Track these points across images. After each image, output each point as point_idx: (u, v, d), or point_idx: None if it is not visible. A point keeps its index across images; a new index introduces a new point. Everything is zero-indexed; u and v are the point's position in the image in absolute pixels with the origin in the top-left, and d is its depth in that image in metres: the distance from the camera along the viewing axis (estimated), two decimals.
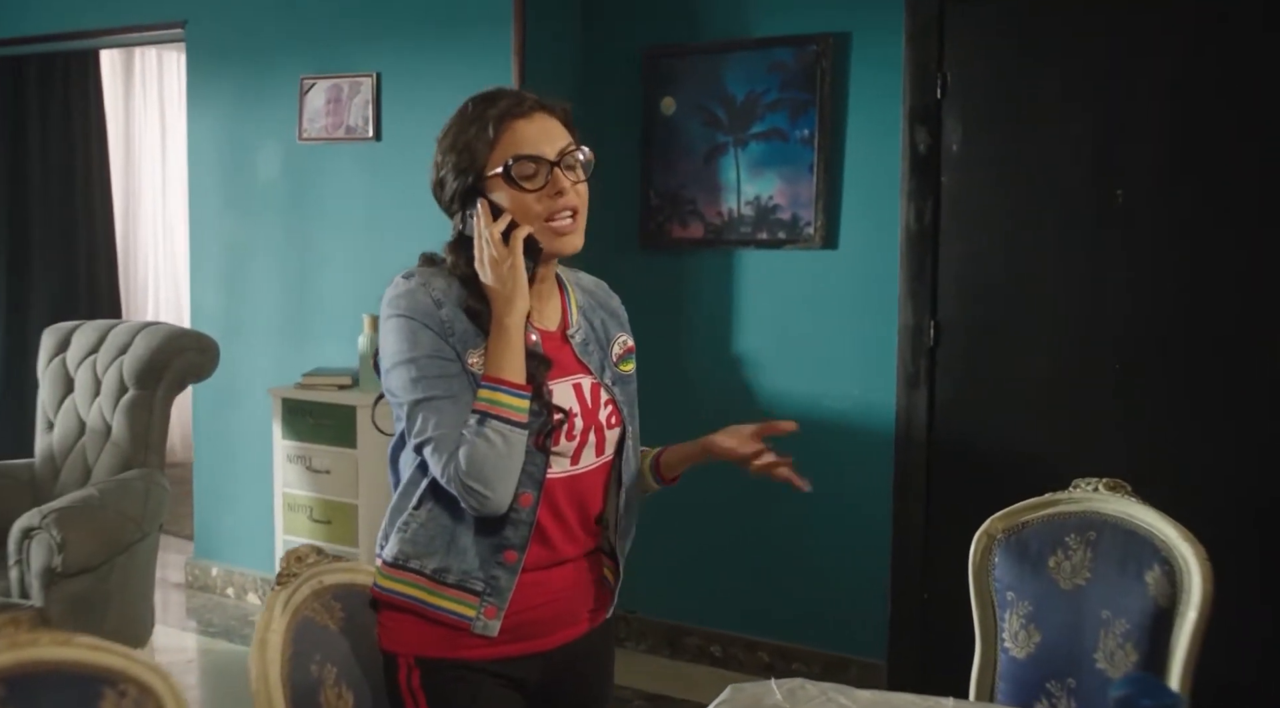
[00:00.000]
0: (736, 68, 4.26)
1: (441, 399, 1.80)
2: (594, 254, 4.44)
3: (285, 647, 1.83)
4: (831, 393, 4.21)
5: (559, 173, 1.88)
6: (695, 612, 4.51)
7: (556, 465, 1.90)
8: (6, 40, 5.52)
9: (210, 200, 5.11)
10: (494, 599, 1.87)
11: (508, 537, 1.86)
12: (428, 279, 1.87)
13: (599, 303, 2.10)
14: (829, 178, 4.13)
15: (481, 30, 4.37)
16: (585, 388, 1.96)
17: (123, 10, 5.15)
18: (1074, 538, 2.46)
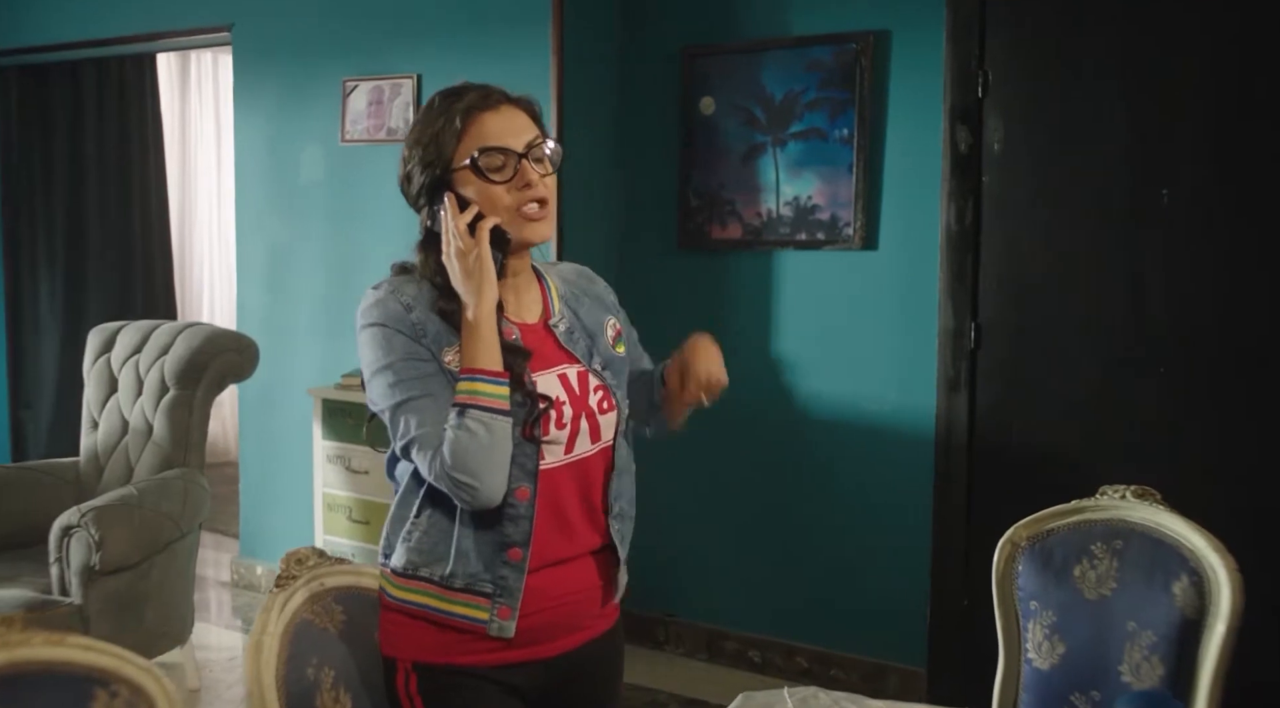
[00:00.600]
0: (775, 67, 4.21)
1: (420, 399, 1.79)
2: (633, 255, 4.48)
3: (282, 649, 1.82)
4: (871, 396, 4.15)
5: (526, 165, 1.86)
6: (734, 616, 4.47)
7: (550, 455, 1.88)
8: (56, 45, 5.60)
9: (255, 202, 5.15)
10: (505, 600, 1.85)
11: (509, 534, 1.84)
12: (397, 286, 1.87)
13: (582, 290, 2.08)
14: (868, 178, 4.08)
15: (520, 30, 4.36)
16: (572, 376, 1.94)
17: (171, 14, 5.21)
18: (1100, 547, 2.39)
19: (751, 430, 4.39)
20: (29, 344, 6.54)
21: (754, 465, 4.39)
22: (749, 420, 4.38)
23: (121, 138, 6.96)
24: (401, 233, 4.73)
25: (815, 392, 4.26)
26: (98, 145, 6.87)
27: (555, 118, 4.29)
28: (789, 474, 4.32)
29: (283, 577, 1.90)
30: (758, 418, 4.37)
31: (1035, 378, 3.88)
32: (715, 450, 4.46)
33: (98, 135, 6.87)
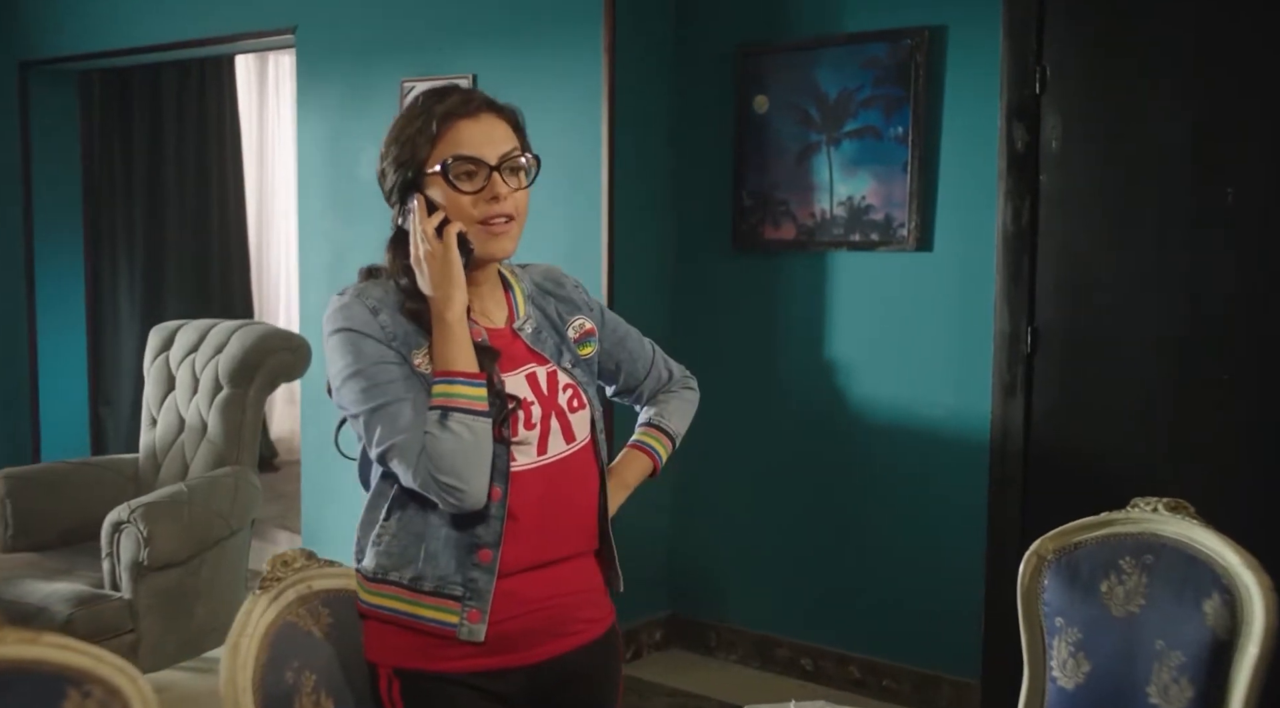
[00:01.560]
0: (829, 64, 4.14)
1: (395, 404, 1.77)
2: (688, 257, 4.43)
3: (260, 652, 1.81)
4: (925, 401, 4.05)
5: (497, 178, 1.83)
6: (786, 622, 4.40)
7: (523, 456, 1.85)
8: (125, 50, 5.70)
9: (316, 203, 5.20)
10: (475, 603, 1.81)
11: (480, 535, 1.81)
12: (362, 290, 1.85)
13: (550, 290, 2.04)
14: (923, 177, 3.98)
15: (573, 29, 4.34)
16: (540, 377, 1.91)
17: (240, 18, 5.27)
18: (1129, 561, 2.29)
19: (804, 434, 4.31)
20: (109, 342, 6.69)
21: (807, 469, 4.32)
22: (801, 424, 4.31)
23: (200, 139, 7.09)
24: None
25: (868, 395, 4.17)
26: (177, 147, 7.02)
27: (606, 117, 4.26)
28: (842, 479, 4.24)
29: (267, 579, 1.89)
30: (810, 421, 4.29)
31: (1093, 383, 3.76)
32: (768, 454, 4.40)
33: (177, 137, 7.01)
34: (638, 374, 2.18)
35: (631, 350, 2.16)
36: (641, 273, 4.44)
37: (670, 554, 4.66)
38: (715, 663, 4.53)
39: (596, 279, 4.32)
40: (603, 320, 2.10)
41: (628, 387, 2.19)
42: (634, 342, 2.18)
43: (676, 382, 2.25)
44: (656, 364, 2.21)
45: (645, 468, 2.18)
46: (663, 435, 2.20)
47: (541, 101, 4.45)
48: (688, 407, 2.26)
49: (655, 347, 2.24)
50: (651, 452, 2.18)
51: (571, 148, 4.37)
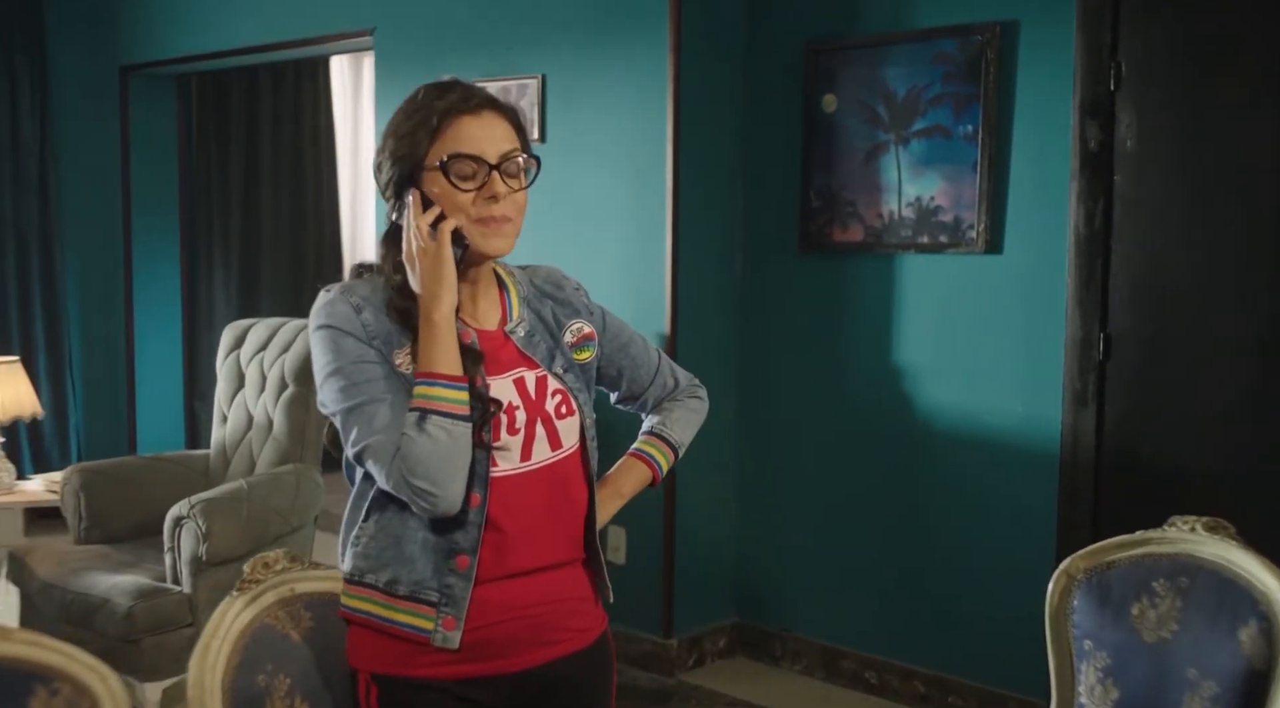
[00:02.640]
0: (898, 61, 4.02)
1: (372, 404, 1.74)
2: (755, 258, 4.35)
3: (233, 654, 1.80)
4: (993, 409, 3.91)
5: (496, 177, 1.78)
6: (852, 633, 4.29)
7: (505, 462, 1.81)
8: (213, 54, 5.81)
9: None
10: (450, 609, 1.78)
11: (458, 541, 1.78)
12: (348, 287, 1.82)
13: (547, 293, 1.98)
14: (993, 177, 3.85)
15: (639, 29, 4.29)
16: (529, 381, 1.86)
17: (320, 20, 5.34)
18: (1163, 584, 2.16)
19: (870, 440, 4.20)
20: (204, 340, 6.83)
21: (872, 477, 4.21)
22: (869, 430, 4.20)
23: (294, 139, 7.22)
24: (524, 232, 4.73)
25: (936, 402, 4.05)
26: (272, 147, 7.15)
27: (671, 117, 4.21)
28: (908, 487, 4.12)
29: (246, 581, 1.87)
30: (877, 428, 4.18)
31: (1168, 393, 3.59)
32: (833, 460, 4.30)
33: (273, 137, 7.14)
34: (641, 381, 2.12)
35: (635, 357, 2.10)
36: (706, 274, 4.37)
37: (737, 561, 4.59)
38: (779, 673, 4.44)
39: (660, 281, 4.27)
40: (604, 325, 2.04)
41: (631, 394, 2.13)
42: (638, 348, 2.11)
43: (683, 390, 2.18)
44: (662, 372, 2.15)
45: (643, 477, 2.12)
46: (664, 444, 2.13)
47: (608, 101, 4.42)
48: (693, 416, 2.19)
49: (662, 354, 2.17)
50: (651, 461, 2.12)
51: (636, 148, 4.32)
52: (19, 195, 6.22)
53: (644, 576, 4.43)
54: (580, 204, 4.52)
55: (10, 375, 4.66)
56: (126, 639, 3.71)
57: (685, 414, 2.17)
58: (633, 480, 2.10)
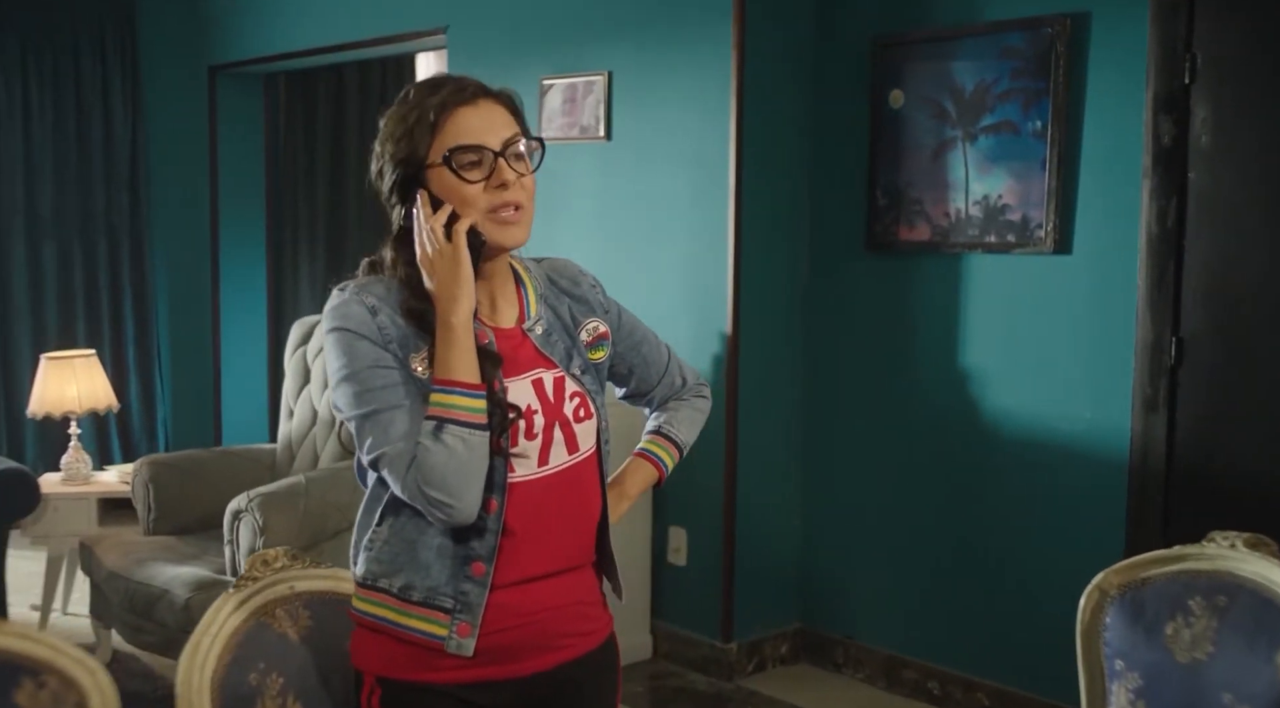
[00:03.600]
0: (966, 55, 3.91)
1: (388, 411, 1.70)
2: (820, 256, 4.27)
3: (225, 652, 1.79)
4: (1061, 414, 3.79)
5: (503, 164, 1.74)
6: (914, 642, 4.19)
7: (522, 468, 1.77)
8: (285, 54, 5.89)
9: None
10: (465, 616, 1.75)
11: (474, 548, 1.75)
12: (363, 287, 1.78)
13: (564, 289, 1.93)
14: (1062, 175, 3.72)
15: (703, 25, 4.24)
16: (547, 383, 1.82)
17: (396, 18, 5.37)
18: (1199, 603, 2.05)
19: (936, 445, 4.10)
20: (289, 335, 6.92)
21: (937, 481, 4.10)
22: (933, 434, 4.10)
23: None
24: (591, 231, 4.73)
25: (1002, 407, 3.93)
26: (358, 146, 7.21)
27: (734, 113, 4.15)
28: (974, 493, 4.01)
29: (244, 578, 1.87)
30: (942, 431, 4.07)
31: (1243, 399, 3.45)
32: (898, 464, 4.20)
33: (359, 136, 7.21)
34: (650, 380, 2.07)
35: (646, 356, 2.05)
36: (770, 273, 4.30)
37: (801, 565, 4.51)
38: (841, 681, 4.35)
39: (722, 278, 4.21)
40: (619, 323, 1.99)
41: (639, 391, 2.08)
42: (650, 347, 2.06)
43: (689, 389, 2.13)
44: (671, 371, 2.10)
45: (649, 478, 2.07)
46: (670, 445, 2.08)
47: (672, 98, 4.37)
48: (698, 416, 2.13)
49: (672, 352, 2.12)
50: (658, 462, 2.07)
51: (700, 144, 4.27)
52: (111, 192, 6.37)
53: (704, 578, 4.38)
54: (644, 201, 4.48)
55: (87, 369, 4.77)
56: (185, 630, 3.76)
57: (691, 414, 2.12)
58: (639, 481, 2.07)
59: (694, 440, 2.12)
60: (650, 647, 4.52)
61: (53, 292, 6.25)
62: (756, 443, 4.34)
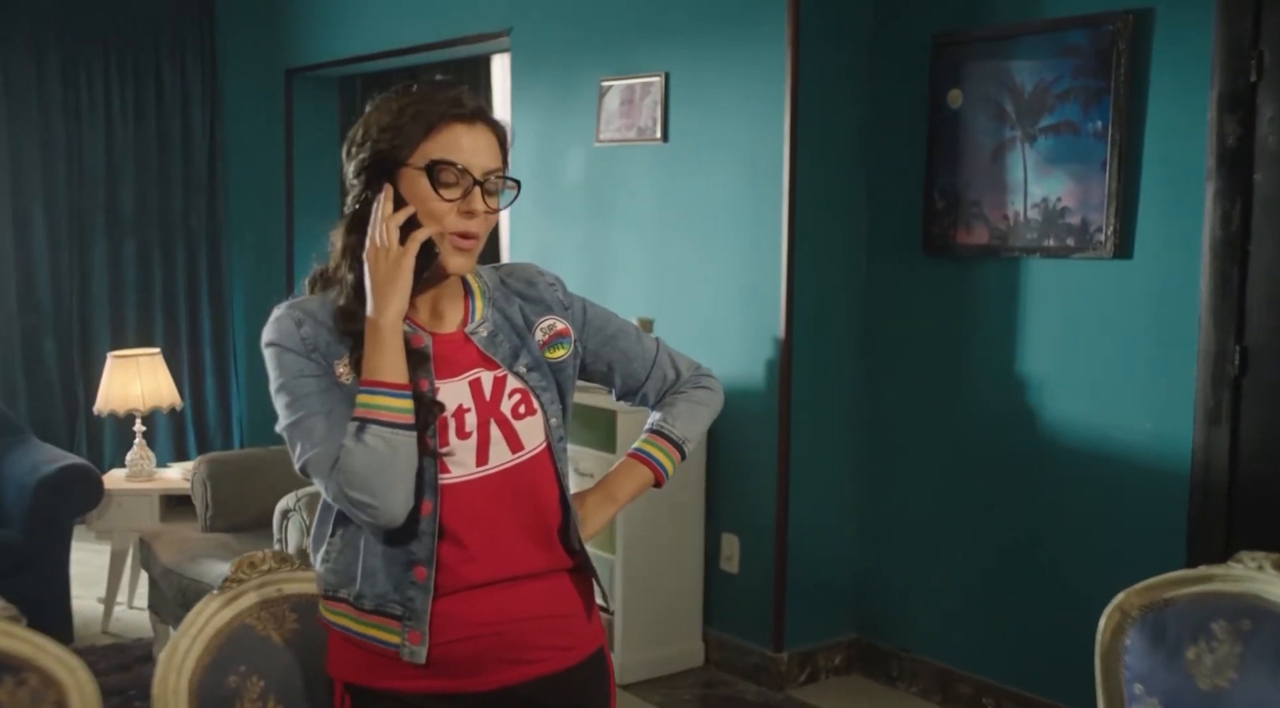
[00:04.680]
0: (1026, 53, 3.80)
1: (310, 417, 1.70)
2: (875, 259, 4.18)
3: (204, 654, 1.79)
4: (1121, 424, 3.66)
5: (477, 193, 1.72)
6: (971, 657, 4.08)
7: (459, 467, 1.74)
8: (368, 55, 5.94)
9: (526, 202, 5.24)
10: (414, 623, 1.73)
11: (413, 552, 1.73)
12: (297, 303, 1.78)
13: (517, 290, 1.89)
14: (1123, 177, 3.59)
15: (758, 25, 4.17)
16: (486, 382, 1.78)
17: (461, 21, 5.39)
18: (1223, 627, 1.95)
19: (993, 454, 3.99)
20: None
21: (994, 491, 3.99)
22: (991, 442, 3.99)
23: None
24: (648, 233, 4.69)
25: (1060, 416, 3.81)
26: None
27: (789, 114, 4.08)
28: (1031, 505, 3.89)
29: (229, 580, 1.86)
30: (1000, 440, 3.97)
31: None
32: (955, 473, 4.10)
33: None
34: (637, 375, 1.99)
35: (625, 350, 1.97)
36: (825, 276, 4.22)
37: (857, 575, 4.42)
38: (895, 694, 4.26)
39: (775, 282, 4.14)
40: (584, 320, 1.94)
41: (629, 389, 2.01)
42: (628, 340, 1.98)
43: (686, 381, 2.03)
44: (660, 363, 2.01)
45: (643, 479, 1.99)
46: (665, 442, 1.99)
47: (727, 98, 4.32)
48: (699, 408, 2.03)
49: (661, 344, 2.03)
50: (651, 461, 1.99)
51: (754, 145, 4.21)
52: (189, 193, 6.48)
53: (756, 586, 4.32)
54: (699, 203, 4.44)
55: (152, 367, 4.86)
56: None
57: (689, 407, 2.02)
58: (630, 483, 1.99)
59: (698, 435, 2.03)
60: (702, 654, 4.47)
61: (132, 291, 6.38)
62: (810, 449, 4.26)
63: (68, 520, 4.47)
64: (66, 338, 6.23)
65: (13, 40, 5.99)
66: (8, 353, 6.06)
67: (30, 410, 6.06)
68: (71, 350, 6.22)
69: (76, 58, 6.16)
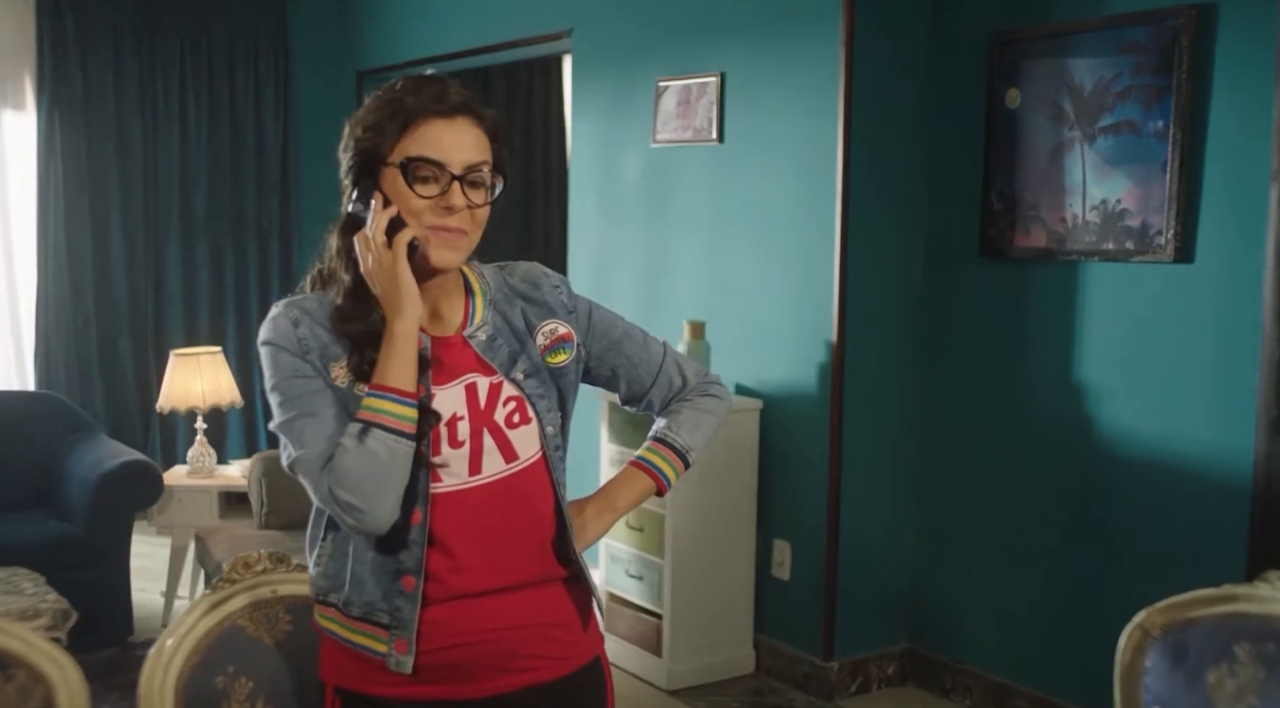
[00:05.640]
0: (1085, 51, 3.69)
1: (301, 418, 1.68)
2: (932, 263, 4.09)
3: (193, 654, 1.78)
4: (1180, 435, 3.53)
5: (456, 188, 1.69)
6: (1027, 671, 3.97)
7: (449, 477, 1.72)
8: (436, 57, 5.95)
9: (586, 204, 5.24)
10: (401, 632, 1.71)
11: (402, 561, 1.70)
12: (295, 302, 1.76)
13: (521, 292, 1.85)
14: (1185, 178, 3.47)
15: (813, 24, 4.11)
16: (481, 388, 1.75)
17: (524, 23, 5.39)
18: (1246, 650, 1.86)
19: (1050, 462, 3.88)
20: None
21: (1051, 501, 3.88)
22: (1048, 451, 3.88)
23: (527, 138, 7.36)
24: (702, 235, 4.64)
25: (1118, 424, 3.69)
26: None
27: (842, 114, 4.00)
28: (1089, 514, 3.78)
29: (222, 580, 1.86)
30: (1057, 449, 3.86)
31: None
32: (1012, 482, 3.99)
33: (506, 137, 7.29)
34: (642, 381, 1.95)
35: (630, 355, 1.94)
36: (879, 280, 4.14)
37: (911, 585, 4.33)
38: (948, 707, 4.16)
39: (828, 285, 4.07)
40: (589, 324, 1.90)
41: (634, 394, 1.97)
42: (634, 345, 1.94)
43: (693, 388, 1.99)
44: (666, 370, 1.97)
45: (644, 488, 1.95)
46: (668, 450, 1.95)
47: (780, 99, 4.27)
48: (704, 416, 1.98)
49: (669, 350, 1.99)
50: (653, 470, 1.94)
51: (807, 146, 4.15)
52: (261, 195, 6.58)
53: (807, 593, 4.25)
54: (752, 204, 4.38)
55: (213, 365, 4.92)
56: None
57: (695, 415, 1.97)
58: (631, 492, 1.94)
59: (703, 443, 1.97)
60: (753, 661, 4.41)
61: (204, 291, 6.49)
62: (863, 455, 4.18)
63: (127, 515, 4.55)
64: (141, 337, 6.34)
65: (92, 46, 6.11)
66: (85, 351, 6.19)
67: (106, 407, 6.19)
68: (146, 349, 6.34)
69: (153, 63, 6.27)
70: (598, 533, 1.91)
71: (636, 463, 1.96)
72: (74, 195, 6.10)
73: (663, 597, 4.24)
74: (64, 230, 6.08)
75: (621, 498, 1.94)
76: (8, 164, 6.09)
